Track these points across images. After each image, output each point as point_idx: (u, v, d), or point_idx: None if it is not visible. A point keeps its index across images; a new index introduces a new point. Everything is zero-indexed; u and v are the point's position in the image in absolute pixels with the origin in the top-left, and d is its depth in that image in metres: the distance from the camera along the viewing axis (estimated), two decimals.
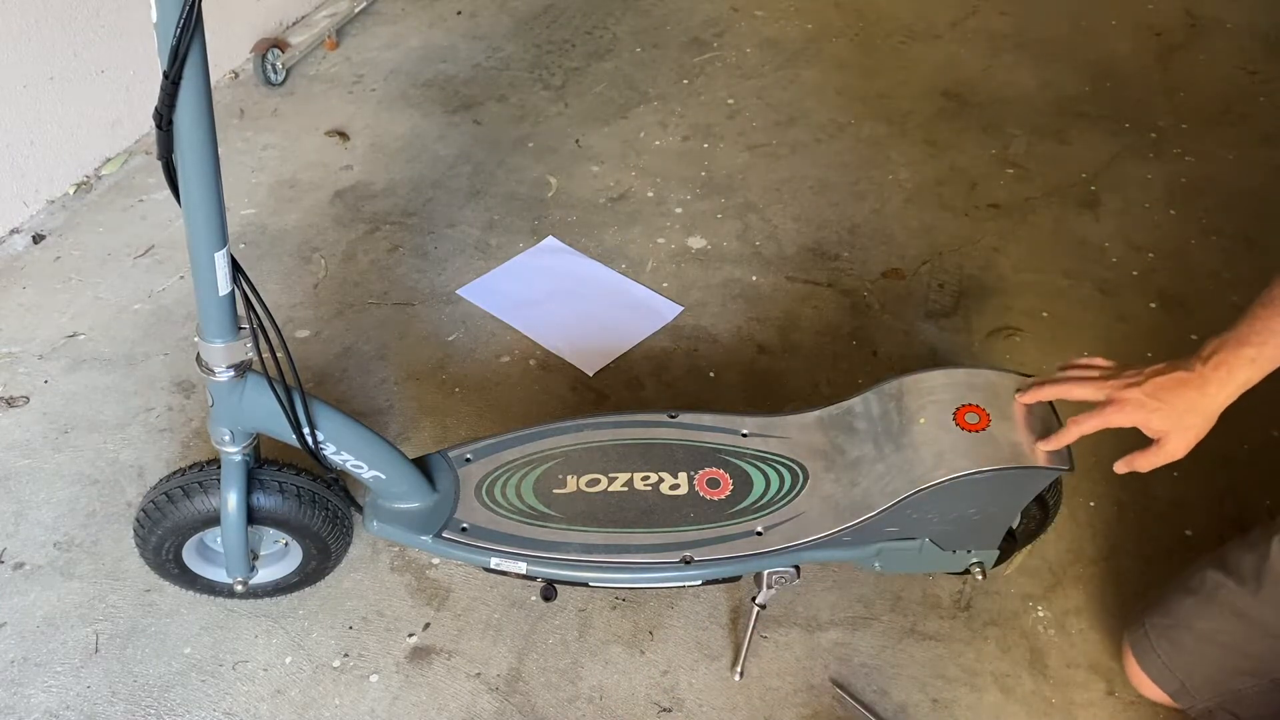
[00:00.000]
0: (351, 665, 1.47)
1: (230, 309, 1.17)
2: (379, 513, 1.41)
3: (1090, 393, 1.22)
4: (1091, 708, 1.43)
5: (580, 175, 2.39)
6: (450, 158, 2.44)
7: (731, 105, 2.63)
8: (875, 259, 2.15)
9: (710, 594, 1.56)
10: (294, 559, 1.47)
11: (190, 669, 1.46)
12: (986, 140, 2.49)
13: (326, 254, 2.16)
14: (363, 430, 1.33)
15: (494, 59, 2.80)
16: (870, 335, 1.98)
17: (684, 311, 2.03)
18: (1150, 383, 1.16)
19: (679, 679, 1.46)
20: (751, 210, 2.29)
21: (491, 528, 1.38)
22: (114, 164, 2.38)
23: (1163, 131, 2.53)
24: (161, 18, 0.92)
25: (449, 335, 1.98)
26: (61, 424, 1.79)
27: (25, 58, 2.10)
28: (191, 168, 1.03)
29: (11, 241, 2.17)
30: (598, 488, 1.41)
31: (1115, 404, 1.18)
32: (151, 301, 2.04)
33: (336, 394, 1.85)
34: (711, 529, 1.37)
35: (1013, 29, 2.93)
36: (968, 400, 1.32)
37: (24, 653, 1.47)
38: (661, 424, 1.49)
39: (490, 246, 2.19)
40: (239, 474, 1.31)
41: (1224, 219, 2.25)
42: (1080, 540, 1.62)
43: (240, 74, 2.70)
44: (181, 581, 1.48)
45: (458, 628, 1.51)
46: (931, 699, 1.43)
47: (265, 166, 2.40)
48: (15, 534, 1.62)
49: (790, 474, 1.42)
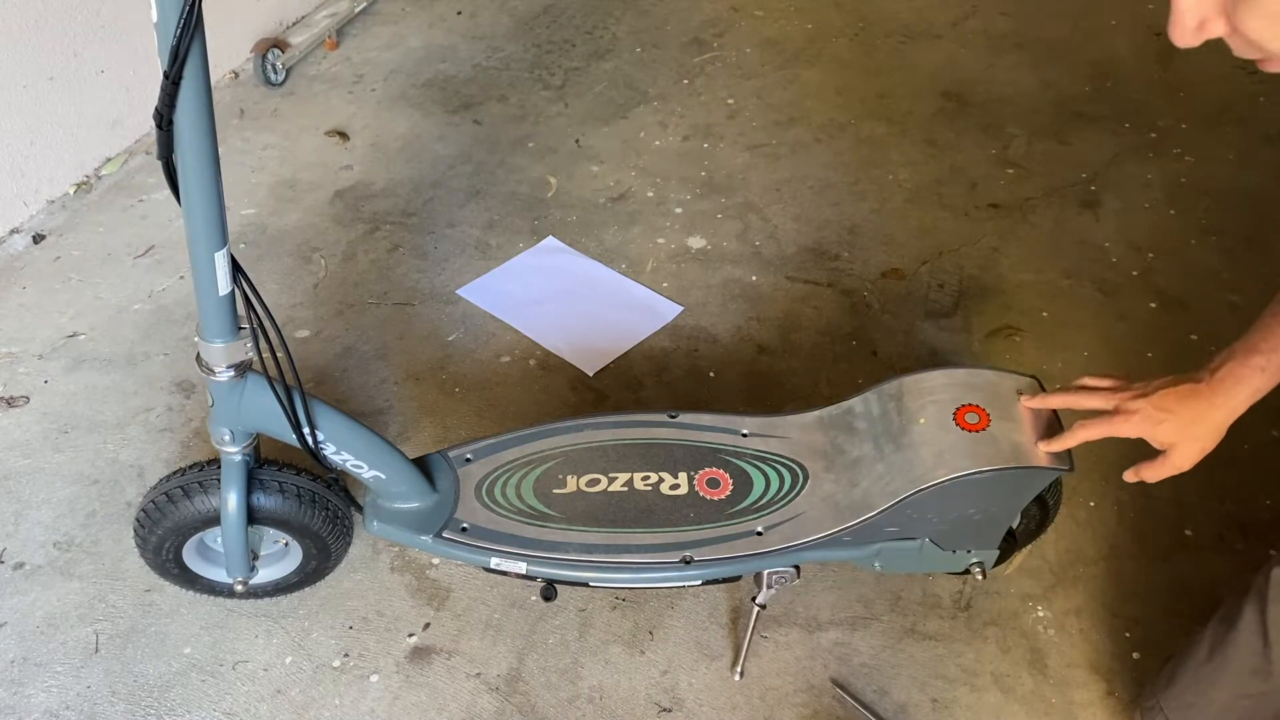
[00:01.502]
0: (351, 665, 1.47)
1: (230, 309, 1.17)
2: (379, 513, 1.41)
3: (1098, 402, 1.21)
4: (1091, 708, 1.43)
5: (580, 175, 2.39)
6: (450, 158, 2.44)
7: (731, 105, 2.63)
8: (875, 259, 2.15)
9: (710, 594, 1.56)
10: (294, 559, 1.47)
11: (190, 669, 1.46)
12: (986, 140, 2.49)
13: (326, 254, 2.16)
14: (363, 430, 1.33)
15: (494, 59, 2.80)
16: (870, 335, 1.98)
17: (684, 311, 2.03)
18: (1158, 394, 1.15)
19: (679, 679, 1.46)
20: (751, 210, 2.29)
21: (491, 528, 1.38)
22: (114, 164, 2.38)
23: (1163, 131, 2.53)
24: (161, 18, 0.92)
25: (449, 335, 1.98)
26: (61, 424, 1.79)
27: (25, 58, 2.10)
28: (191, 168, 1.03)
29: (11, 241, 2.17)
30: (598, 488, 1.41)
31: (1122, 414, 1.17)
32: (151, 301, 2.04)
33: (336, 394, 1.85)
34: (711, 529, 1.37)
35: (1013, 29, 2.93)
36: (968, 400, 1.32)
37: (24, 653, 1.47)
38: (661, 424, 1.49)
39: (490, 246, 2.19)
40: (239, 474, 1.31)
41: (1224, 219, 2.25)
42: (1080, 540, 1.62)
43: (240, 74, 2.70)
44: (181, 581, 1.48)
45: (458, 628, 1.51)
46: (931, 699, 1.43)
47: (265, 166, 2.40)
48: (15, 534, 1.62)
49: (790, 474, 1.42)
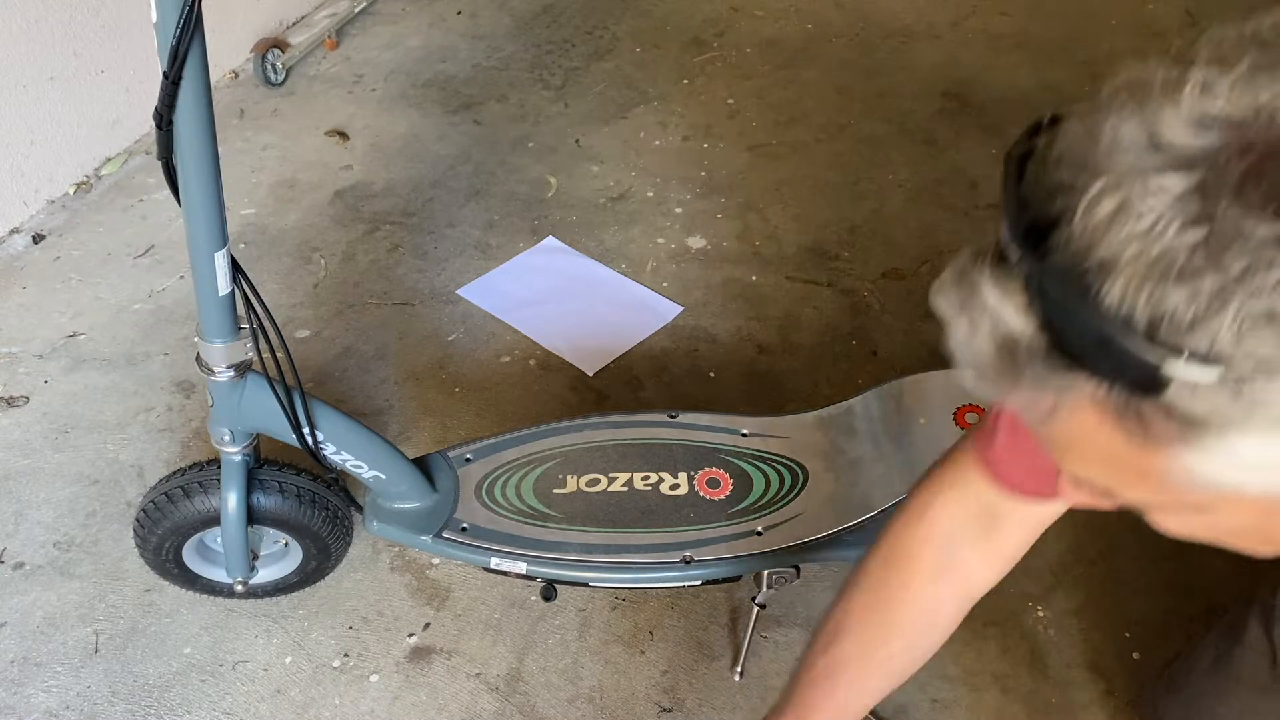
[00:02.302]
0: (351, 665, 1.47)
1: (230, 309, 1.17)
2: (379, 513, 1.41)
3: None
4: (1091, 707, 1.43)
5: (580, 175, 2.39)
6: (450, 158, 2.44)
7: (731, 105, 2.63)
8: (875, 259, 2.15)
9: (710, 594, 1.56)
10: (294, 559, 1.47)
11: (190, 669, 1.46)
12: (986, 140, 2.49)
13: (326, 254, 2.16)
14: (363, 430, 1.33)
15: (494, 59, 2.80)
16: (870, 335, 1.98)
17: (684, 311, 2.03)
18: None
19: (679, 679, 1.46)
20: (751, 210, 2.29)
21: (491, 528, 1.38)
22: (114, 164, 2.38)
23: None
24: (161, 18, 0.92)
25: (449, 335, 1.98)
26: (61, 424, 1.79)
27: (25, 58, 2.10)
28: (191, 168, 1.03)
29: (11, 241, 2.17)
30: (598, 488, 1.41)
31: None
32: (151, 301, 2.04)
33: (336, 394, 1.85)
34: (711, 529, 1.37)
35: (1013, 29, 2.93)
36: (968, 400, 1.33)
37: (24, 653, 1.47)
38: (661, 424, 1.50)
39: (490, 246, 2.19)
40: (239, 474, 1.31)
41: None
42: (1080, 540, 1.62)
43: (240, 74, 2.70)
44: (181, 581, 1.48)
45: (458, 628, 1.51)
46: (931, 699, 1.43)
47: (265, 166, 2.40)
48: (15, 534, 1.62)
49: (790, 474, 1.42)
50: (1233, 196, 0.42)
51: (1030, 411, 0.52)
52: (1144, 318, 0.43)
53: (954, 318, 0.52)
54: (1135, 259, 0.43)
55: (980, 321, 0.50)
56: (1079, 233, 0.45)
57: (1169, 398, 0.45)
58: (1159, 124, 0.45)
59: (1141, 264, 0.43)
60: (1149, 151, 0.44)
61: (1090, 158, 0.46)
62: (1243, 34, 0.47)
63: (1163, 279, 0.43)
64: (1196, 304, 0.42)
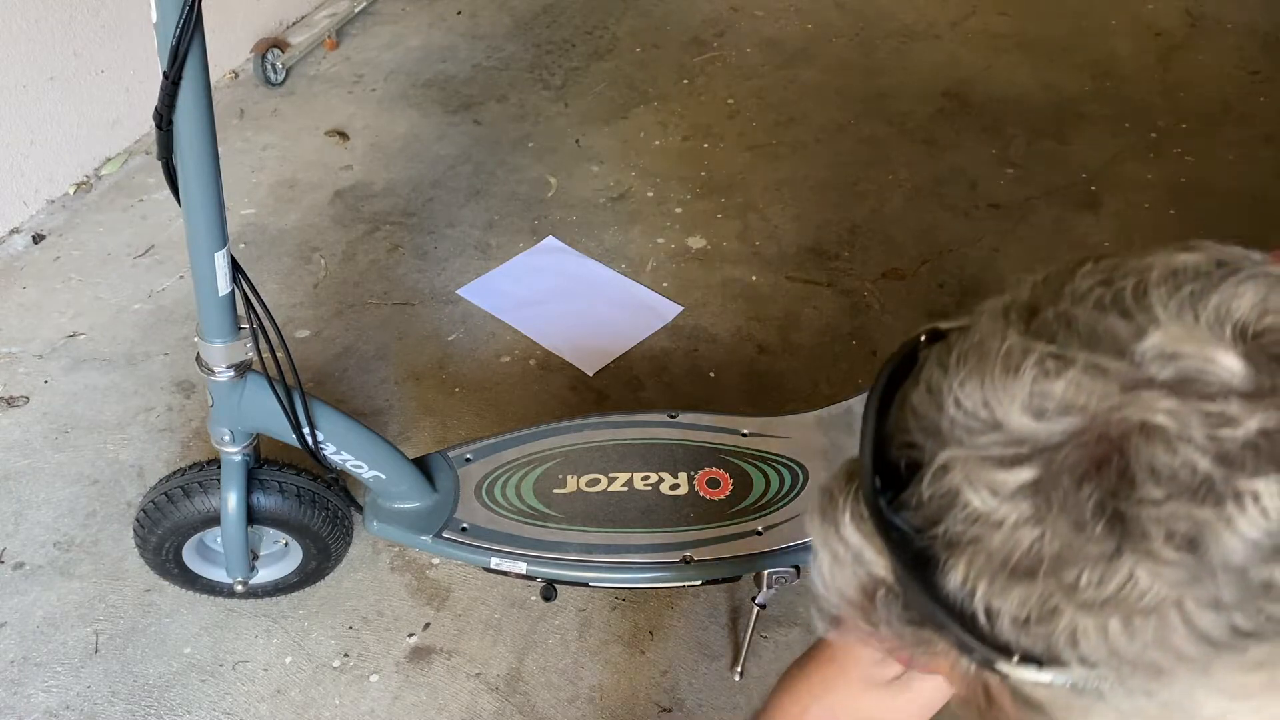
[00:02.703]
0: (351, 665, 1.47)
1: (230, 309, 1.17)
2: (379, 513, 1.41)
3: None
4: None
5: (580, 175, 2.39)
6: (450, 158, 2.44)
7: (731, 105, 2.63)
8: (875, 259, 2.15)
9: (710, 594, 1.56)
10: (294, 559, 1.47)
11: (190, 669, 1.46)
12: (986, 140, 2.49)
13: (326, 254, 2.16)
14: (363, 430, 1.33)
15: (494, 59, 2.80)
16: (870, 335, 1.98)
17: (684, 311, 2.03)
18: None
19: (679, 679, 1.46)
20: (751, 210, 2.29)
21: (491, 528, 1.38)
22: (114, 164, 2.38)
23: (1163, 131, 2.53)
24: (161, 18, 0.92)
25: (449, 335, 1.98)
26: (61, 424, 1.79)
27: (25, 58, 2.10)
28: (191, 168, 1.03)
29: (11, 241, 2.17)
30: (598, 488, 1.41)
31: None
32: (151, 301, 2.04)
33: (336, 394, 1.85)
34: (711, 529, 1.37)
35: (1013, 29, 2.93)
36: None
37: (24, 653, 1.47)
38: (661, 424, 1.49)
39: (490, 246, 2.19)
40: (239, 474, 1.31)
41: (1224, 219, 2.25)
42: None
43: (240, 74, 2.70)
44: (181, 581, 1.48)
45: (458, 628, 1.51)
46: None
47: (265, 166, 2.40)
48: (15, 534, 1.62)
49: (790, 474, 1.42)
50: (1066, 503, 0.40)
51: (893, 653, 0.51)
52: (981, 608, 0.42)
53: (819, 548, 0.50)
54: (975, 544, 0.42)
55: (844, 558, 0.49)
56: (927, 498, 0.44)
57: (1012, 681, 0.44)
58: (998, 403, 0.42)
59: (981, 553, 0.42)
60: (989, 429, 0.42)
61: (937, 424, 0.44)
62: (1100, 300, 0.44)
63: (999, 573, 0.42)
64: (1029, 607, 0.41)
